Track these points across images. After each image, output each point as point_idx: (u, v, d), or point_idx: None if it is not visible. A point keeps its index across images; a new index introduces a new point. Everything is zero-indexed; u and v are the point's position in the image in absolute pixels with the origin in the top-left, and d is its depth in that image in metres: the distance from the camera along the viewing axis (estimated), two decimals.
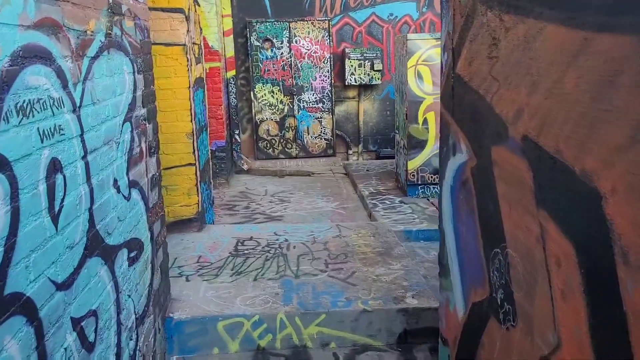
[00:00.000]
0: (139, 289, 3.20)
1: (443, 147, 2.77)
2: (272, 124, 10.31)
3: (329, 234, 5.60)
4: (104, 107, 2.68)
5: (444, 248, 2.82)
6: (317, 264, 4.79)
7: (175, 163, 5.50)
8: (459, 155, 2.50)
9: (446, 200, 2.72)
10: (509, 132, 1.93)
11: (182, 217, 5.62)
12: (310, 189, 8.57)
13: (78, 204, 2.28)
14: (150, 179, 3.57)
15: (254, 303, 4.05)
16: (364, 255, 4.99)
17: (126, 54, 3.14)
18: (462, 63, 2.39)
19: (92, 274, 2.43)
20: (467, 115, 2.38)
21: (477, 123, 2.25)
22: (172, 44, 5.28)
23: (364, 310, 3.95)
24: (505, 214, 1.99)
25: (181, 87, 5.38)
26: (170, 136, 5.44)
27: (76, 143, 2.30)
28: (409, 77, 7.15)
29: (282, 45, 10.03)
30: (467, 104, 2.37)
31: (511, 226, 1.94)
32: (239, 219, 7.09)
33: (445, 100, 2.72)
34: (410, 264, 4.79)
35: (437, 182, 7.58)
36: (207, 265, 4.78)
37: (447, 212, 2.72)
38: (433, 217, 6.59)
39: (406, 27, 10.29)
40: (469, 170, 2.37)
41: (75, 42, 2.35)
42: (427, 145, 7.33)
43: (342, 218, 7.01)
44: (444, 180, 2.75)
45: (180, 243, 5.33)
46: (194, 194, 5.60)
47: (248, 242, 5.35)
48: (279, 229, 5.81)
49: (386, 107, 10.55)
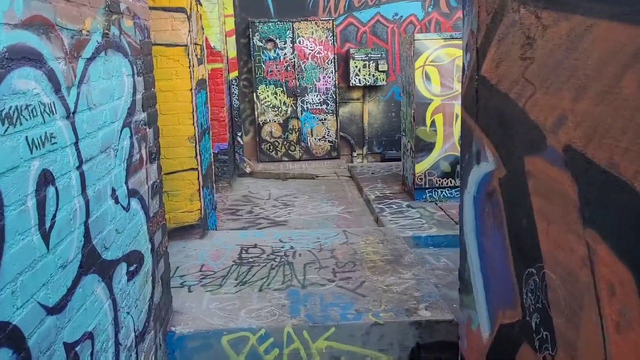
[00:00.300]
0: (139, 305, 3.02)
1: (465, 154, 2.58)
2: (275, 126, 10.13)
3: (335, 240, 5.41)
4: (101, 112, 2.50)
5: (465, 262, 2.63)
6: (324, 273, 4.60)
7: (176, 168, 5.32)
8: (484, 164, 2.31)
9: (468, 211, 2.54)
10: (547, 141, 1.74)
11: (184, 223, 5.43)
12: (315, 192, 8.39)
13: (72, 218, 2.10)
14: (151, 186, 3.39)
15: (259, 315, 3.86)
16: (373, 263, 4.80)
17: (125, 55, 2.96)
18: (489, 64, 2.20)
19: (87, 294, 2.25)
20: (493, 121, 2.19)
21: (506, 130, 2.06)
22: (174, 45, 5.10)
23: (375, 323, 3.76)
24: (542, 231, 1.80)
25: (183, 89, 5.20)
26: (171, 140, 5.26)
27: (70, 152, 2.12)
28: (416, 78, 6.97)
29: (285, 46, 9.85)
30: (494, 108, 2.18)
31: (550, 245, 1.76)
32: (242, 224, 6.91)
33: (467, 104, 2.53)
34: (421, 273, 4.60)
35: (445, 186, 7.43)
36: (210, 275, 4.59)
37: (469, 223, 2.53)
38: (442, 222, 6.40)
39: (411, 27, 10.11)
40: (496, 180, 2.19)
41: (69, 43, 2.17)
42: (435, 148, 7.15)
43: (348, 223, 6.83)
44: (466, 190, 2.56)
45: (182, 251, 5.14)
46: (196, 200, 5.42)
47: (252, 250, 5.17)
48: (284, 235, 5.62)
49: (391, 109, 10.37)
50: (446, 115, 7.05)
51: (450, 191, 7.26)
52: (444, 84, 6.98)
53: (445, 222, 6.41)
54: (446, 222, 6.40)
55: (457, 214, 6.80)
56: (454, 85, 6.97)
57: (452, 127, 7.07)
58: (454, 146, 7.11)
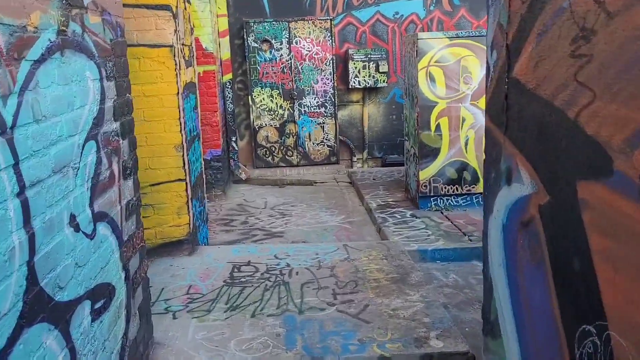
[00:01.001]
0: (109, 345, 2.60)
1: (490, 171, 2.17)
2: (271, 130, 9.72)
3: (335, 256, 5.00)
4: (54, 125, 2.09)
5: (491, 301, 2.22)
6: (323, 295, 4.19)
7: (162, 179, 4.90)
8: (516, 185, 1.90)
9: (495, 241, 2.12)
10: (613, 165, 1.33)
11: (171, 238, 5.02)
12: (313, 200, 7.97)
13: (8, 260, 1.68)
14: (125, 206, 2.97)
15: (251, 347, 3.45)
16: (377, 282, 4.39)
17: (90, 56, 2.54)
18: (524, 64, 1.79)
19: (33, 348, 1.83)
20: (530, 134, 1.78)
21: (549, 145, 1.65)
22: (158, 45, 4.69)
23: (381, 356, 3.35)
24: (606, 280, 1.38)
25: (169, 94, 4.78)
26: (157, 149, 4.85)
27: (6, 177, 1.71)
28: (419, 79, 6.55)
29: (282, 47, 9.44)
30: (532, 118, 1.77)
31: (618, 300, 1.34)
32: (236, 236, 6.49)
33: (493, 112, 2.12)
34: (430, 294, 4.19)
35: (451, 194, 7.02)
36: (198, 298, 4.18)
37: (497, 256, 2.11)
38: (449, 233, 5.99)
39: (413, 26, 9.70)
40: (534, 207, 1.77)
41: (6, 41, 1.75)
42: (440, 154, 6.73)
43: (348, 234, 6.41)
44: (492, 215, 2.15)
45: (169, 269, 4.73)
46: (185, 213, 5.00)
47: (245, 268, 4.75)
48: (280, 250, 5.21)
49: (392, 111, 9.96)
50: (452, 118, 6.64)
51: (457, 199, 6.85)
52: (450, 85, 6.57)
53: (453, 233, 6.00)
54: (453, 233, 5.99)
55: (464, 224, 6.41)
56: (460, 86, 6.57)
57: (458, 131, 6.66)
58: (461, 151, 6.71)
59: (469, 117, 6.64)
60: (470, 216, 6.51)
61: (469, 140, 6.69)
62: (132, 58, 4.68)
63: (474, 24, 9.70)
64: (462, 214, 6.60)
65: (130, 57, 4.73)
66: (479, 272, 5.45)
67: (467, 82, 6.57)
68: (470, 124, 6.66)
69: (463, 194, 6.83)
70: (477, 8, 9.68)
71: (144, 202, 4.93)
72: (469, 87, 6.58)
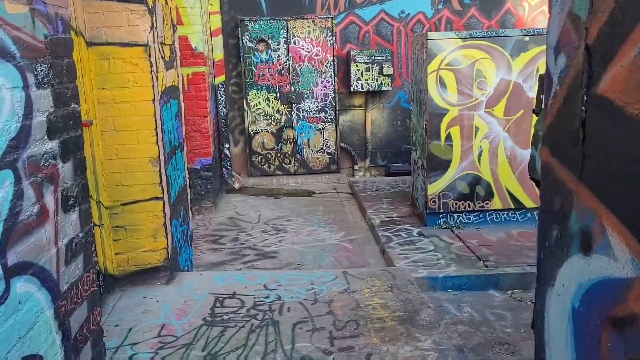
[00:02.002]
0: None
1: (550, 227, 1.53)
2: (267, 136, 9.08)
3: (334, 287, 4.36)
4: None
5: None
6: (318, 339, 3.56)
7: (136, 197, 4.27)
8: (601, 258, 1.27)
9: (557, 326, 1.49)
10: None
11: (146, 265, 4.39)
12: (311, 213, 7.34)
13: None
14: (66, 247, 2.34)
15: None
16: (381, 323, 3.76)
17: (7, 57, 1.92)
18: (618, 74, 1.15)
19: None
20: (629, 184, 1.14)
21: None
22: (130, 44, 4.06)
23: None
24: None
25: (143, 100, 4.15)
26: (129, 162, 4.22)
27: None
28: (429, 84, 5.92)
29: (279, 47, 8.81)
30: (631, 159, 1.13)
31: None
32: (224, 256, 5.87)
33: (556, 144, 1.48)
34: (444, 339, 3.56)
35: (463, 210, 6.38)
36: (171, 342, 3.54)
37: (560, 346, 1.48)
38: (461, 256, 5.36)
39: (419, 26, 9.08)
40: (636, 299, 1.14)
41: None
42: (451, 166, 6.10)
43: (348, 255, 5.78)
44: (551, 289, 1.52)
45: (142, 303, 4.09)
46: (162, 236, 4.37)
47: (229, 302, 4.12)
48: (270, 279, 4.57)
49: (397, 117, 9.32)
50: (464, 127, 6.00)
51: (469, 216, 6.21)
52: (462, 91, 5.94)
53: (465, 256, 5.36)
54: (466, 256, 5.35)
55: (477, 245, 5.72)
56: (474, 92, 5.93)
57: (470, 141, 6.02)
58: (474, 164, 6.07)
59: (483, 127, 6.01)
60: (483, 236, 5.87)
61: (482, 151, 6.05)
62: (100, 59, 4.07)
63: (485, 24, 9.07)
64: (475, 233, 5.97)
65: (98, 58, 4.12)
66: (497, 305, 4.82)
67: (481, 87, 5.93)
68: (485, 133, 6.02)
69: (475, 211, 6.20)
70: (488, 7, 9.05)
71: (114, 224, 4.31)
72: (484, 93, 5.95)
